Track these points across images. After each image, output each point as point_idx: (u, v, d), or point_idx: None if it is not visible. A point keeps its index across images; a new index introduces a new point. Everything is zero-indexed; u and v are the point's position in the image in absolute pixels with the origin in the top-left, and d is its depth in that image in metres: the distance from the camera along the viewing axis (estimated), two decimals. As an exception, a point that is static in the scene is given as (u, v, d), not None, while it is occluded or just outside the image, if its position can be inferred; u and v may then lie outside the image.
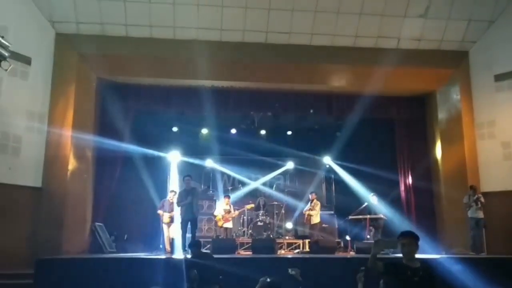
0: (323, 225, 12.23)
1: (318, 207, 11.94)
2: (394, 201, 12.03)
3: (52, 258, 8.59)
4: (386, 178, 12.00)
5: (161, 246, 11.04)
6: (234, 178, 13.47)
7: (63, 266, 8.15)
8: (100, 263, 8.57)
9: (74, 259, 8.92)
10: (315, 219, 11.84)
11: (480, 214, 10.06)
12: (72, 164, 10.47)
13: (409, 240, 3.96)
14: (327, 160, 13.33)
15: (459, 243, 10.71)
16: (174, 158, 12.72)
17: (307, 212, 11.90)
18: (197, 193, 10.22)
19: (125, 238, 11.20)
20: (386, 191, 11.91)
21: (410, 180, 12.50)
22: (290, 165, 13.42)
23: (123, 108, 11.81)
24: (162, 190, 12.29)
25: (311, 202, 12.02)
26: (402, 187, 12.55)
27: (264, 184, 13.64)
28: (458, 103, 11.57)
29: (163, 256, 9.18)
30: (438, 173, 12.06)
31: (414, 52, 11.36)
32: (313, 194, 12.21)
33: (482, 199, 10.09)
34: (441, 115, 12.07)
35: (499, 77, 11.00)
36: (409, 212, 12.29)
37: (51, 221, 9.82)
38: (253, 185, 13.08)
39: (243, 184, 13.44)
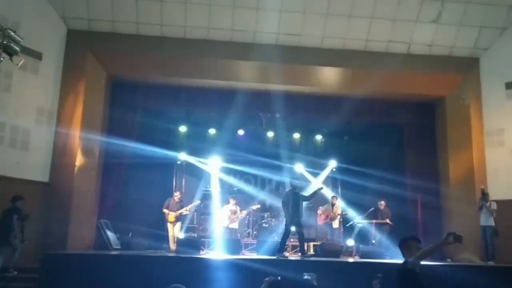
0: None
1: (339, 210, 11.90)
2: (401, 207, 11.93)
3: (58, 253, 8.63)
4: (393, 184, 11.84)
5: (165, 244, 11.04)
6: (240, 179, 13.38)
7: (69, 261, 8.18)
8: (106, 259, 8.60)
9: (80, 254, 8.96)
10: (336, 223, 11.78)
11: (488, 222, 9.74)
12: (79, 160, 10.51)
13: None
14: (334, 163, 13.19)
15: (466, 251, 10.61)
16: (181, 157, 12.69)
17: (325, 214, 11.83)
18: (303, 197, 9.79)
19: (129, 235, 11.21)
20: (393, 196, 11.78)
21: (417, 186, 12.27)
22: (299, 168, 13.17)
23: (132, 106, 11.90)
24: (168, 189, 12.30)
25: (332, 206, 11.95)
26: (409, 193, 12.40)
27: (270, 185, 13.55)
28: (468, 110, 11.47)
29: (168, 254, 9.18)
30: (446, 179, 11.94)
31: (425, 57, 11.35)
32: (335, 198, 12.15)
33: (492, 207, 9.78)
34: (450, 121, 11.95)
35: (510, 85, 10.93)
36: (415, 218, 12.20)
37: (57, 216, 9.86)
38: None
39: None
